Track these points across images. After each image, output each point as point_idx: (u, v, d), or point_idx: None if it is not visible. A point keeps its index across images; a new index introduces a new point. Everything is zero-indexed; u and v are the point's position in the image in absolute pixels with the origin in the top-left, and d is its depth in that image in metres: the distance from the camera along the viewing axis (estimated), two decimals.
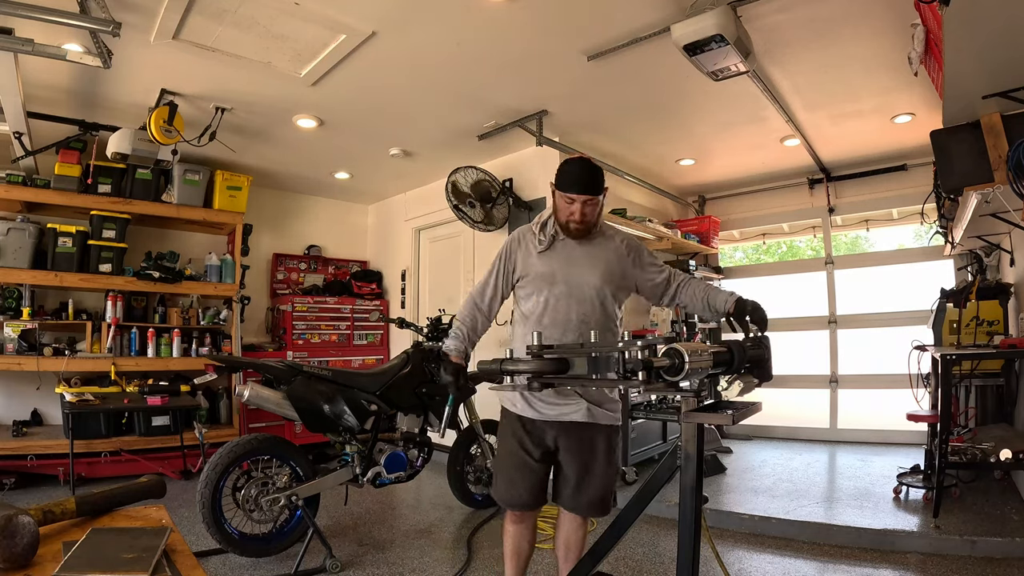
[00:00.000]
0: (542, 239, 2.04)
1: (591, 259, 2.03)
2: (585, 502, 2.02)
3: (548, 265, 2.02)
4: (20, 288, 4.33)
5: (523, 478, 2.01)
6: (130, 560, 0.94)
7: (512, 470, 2.04)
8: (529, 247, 2.07)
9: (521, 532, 2.10)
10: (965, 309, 3.76)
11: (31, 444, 3.99)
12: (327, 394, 2.92)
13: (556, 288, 1.99)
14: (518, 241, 2.11)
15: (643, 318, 5.44)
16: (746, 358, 1.46)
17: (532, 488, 2.02)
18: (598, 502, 2.03)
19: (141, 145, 3.71)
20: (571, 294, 1.98)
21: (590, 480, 2.00)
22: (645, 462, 4.25)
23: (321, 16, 2.81)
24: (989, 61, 2.31)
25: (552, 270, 2.01)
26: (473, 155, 4.80)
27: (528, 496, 2.02)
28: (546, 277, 2.01)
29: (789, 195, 5.81)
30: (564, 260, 2.02)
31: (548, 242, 2.03)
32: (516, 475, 2.03)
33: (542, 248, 2.03)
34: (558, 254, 2.04)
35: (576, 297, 1.98)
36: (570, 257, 2.03)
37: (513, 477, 2.03)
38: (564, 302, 1.98)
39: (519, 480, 2.02)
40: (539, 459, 2.01)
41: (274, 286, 5.87)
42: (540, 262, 2.03)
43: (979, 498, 3.43)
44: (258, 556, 2.82)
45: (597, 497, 2.02)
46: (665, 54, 3.05)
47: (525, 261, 2.07)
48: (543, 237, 2.04)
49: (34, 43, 2.63)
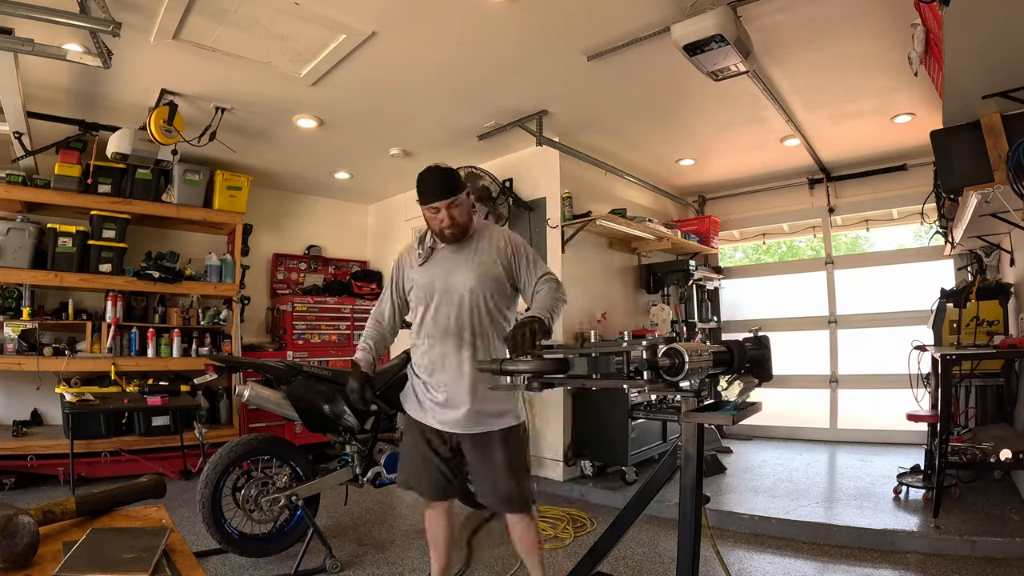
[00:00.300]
0: (420, 252, 2.11)
1: (466, 262, 2.07)
2: (495, 497, 2.07)
3: (427, 276, 2.09)
4: (20, 288, 4.33)
5: (426, 471, 2.10)
6: (130, 560, 0.94)
7: (416, 462, 2.12)
8: (412, 262, 2.14)
9: (432, 518, 2.19)
10: (965, 309, 3.76)
11: (31, 444, 3.99)
12: (327, 394, 2.92)
13: (435, 297, 2.06)
14: (405, 256, 2.20)
15: (643, 318, 5.44)
16: (746, 358, 1.46)
17: (434, 481, 2.11)
18: (513, 498, 2.06)
19: (141, 145, 3.71)
20: (449, 300, 2.04)
21: (498, 478, 2.04)
22: (645, 462, 4.25)
23: (321, 16, 2.81)
24: (989, 61, 2.31)
25: (431, 280, 2.08)
26: (473, 155, 4.80)
27: (430, 487, 2.12)
28: (426, 287, 2.08)
29: (789, 195, 5.81)
30: (442, 268, 2.08)
31: (427, 254, 2.10)
32: (419, 467, 2.11)
33: (421, 261, 2.11)
34: (436, 264, 2.10)
35: (454, 303, 2.03)
36: (447, 264, 2.09)
37: (417, 469, 2.12)
38: (443, 309, 2.04)
39: (422, 473, 2.11)
40: (444, 455, 2.09)
41: (274, 286, 5.88)
42: (420, 274, 2.10)
43: (979, 498, 3.43)
44: (258, 556, 2.82)
45: (509, 494, 2.05)
46: (665, 54, 3.05)
47: (408, 275, 2.15)
48: (421, 251, 2.12)
49: (34, 43, 2.63)
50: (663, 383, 1.32)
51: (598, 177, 4.92)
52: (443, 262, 2.09)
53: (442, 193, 1.99)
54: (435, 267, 2.09)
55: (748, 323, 5.92)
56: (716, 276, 6.13)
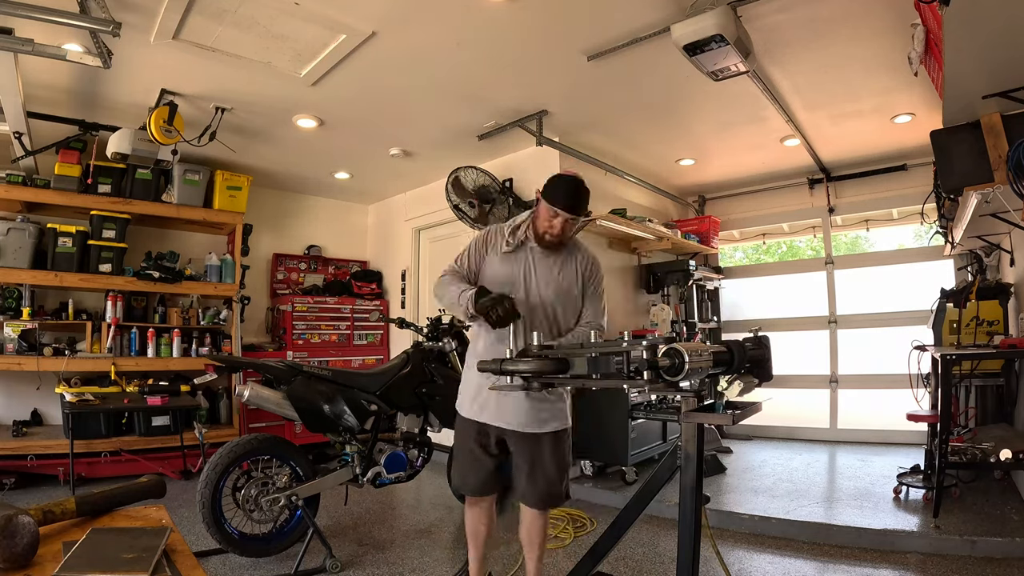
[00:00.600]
0: (510, 241, 2.11)
1: (549, 271, 2.11)
2: (536, 495, 2.11)
3: (509, 268, 2.09)
4: (20, 288, 4.33)
5: (474, 470, 2.16)
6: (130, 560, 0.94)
7: (466, 463, 2.18)
8: (498, 245, 2.13)
9: (476, 514, 2.24)
10: (965, 309, 3.76)
11: (31, 444, 3.99)
12: (327, 394, 2.92)
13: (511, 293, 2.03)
14: (492, 235, 2.18)
15: (643, 318, 5.44)
16: (746, 358, 1.46)
17: (481, 478, 2.16)
18: (548, 496, 2.13)
19: (141, 145, 3.71)
20: (522, 301, 2.04)
21: (539, 475, 2.09)
22: (645, 462, 4.25)
23: (321, 16, 2.81)
24: (989, 61, 2.31)
25: (512, 274, 2.08)
26: (473, 155, 4.80)
27: (478, 485, 2.17)
28: (505, 280, 2.08)
29: (789, 195, 5.81)
30: (525, 267, 2.09)
31: (515, 246, 2.10)
32: (468, 468, 2.17)
33: (507, 250, 2.10)
34: (520, 260, 2.11)
35: (528, 305, 2.05)
36: (532, 265, 2.10)
37: (466, 469, 2.18)
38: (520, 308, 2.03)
39: (470, 472, 2.17)
40: (491, 453, 2.14)
41: (274, 286, 5.87)
42: (502, 263, 2.10)
43: (979, 498, 3.43)
44: (258, 556, 2.82)
45: (547, 491, 2.11)
46: (665, 54, 3.05)
47: (490, 257, 2.14)
48: (512, 239, 2.11)
49: (34, 43, 2.63)
50: (663, 383, 1.32)
51: (598, 177, 4.91)
52: (528, 261, 2.11)
53: (575, 208, 2.01)
54: (518, 262, 2.10)
55: (748, 323, 5.92)
56: (716, 276, 6.13)
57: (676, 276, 5.42)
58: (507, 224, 2.18)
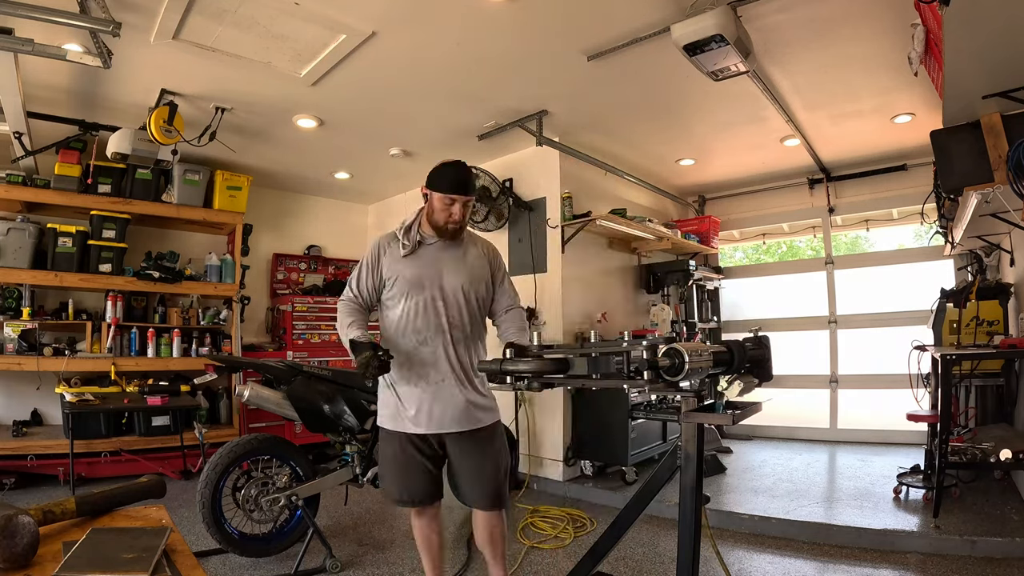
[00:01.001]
0: (406, 243, 2.06)
1: (457, 261, 2.09)
2: (479, 497, 2.08)
3: (415, 269, 2.05)
4: (20, 288, 4.33)
5: (417, 479, 2.07)
6: (130, 560, 0.94)
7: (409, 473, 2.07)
8: (395, 252, 2.08)
9: (426, 523, 2.18)
10: (965, 309, 3.76)
11: (31, 444, 3.99)
12: (327, 394, 2.92)
13: (424, 292, 2.03)
14: (383, 246, 2.12)
15: (643, 318, 5.44)
16: (746, 358, 1.46)
17: (425, 486, 2.08)
18: (493, 496, 2.08)
19: (141, 145, 3.71)
20: (439, 296, 2.03)
21: (481, 476, 2.06)
22: (645, 462, 4.25)
23: (321, 16, 2.81)
24: (989, 61, 2.31)
25: (419, 274, 2.05)
26: (473, 155, 4.80)
27: (424, 494, 2.09)
28: (414, 281, 2.04)
29: (789, 195, 5.81)
30: (431, 264, 2.07)
31: (412, 247, 2.07)
32: (411, 478, 2.07)
33: (406, 252, 2.06)
34: (423, 259, 2.08)
35: (445, 299, 2.04)
36: (436, 261, 2.08)
37: (409, 480, 2.08)
38: (434, 305, 2.03)
39: (414, 482, 2.08)
40: (429, 455, 2.07)
41: (274, 286, 5.87)
42: (406, 266, 2.06)
43: (979, 498, 3.43)
44: (258, 556, 2.82)
45: (491, 491, 2.07)
46: (665, 54, 3.05)
47: (391, 267, 2.08)
48: (407, 242, 2.06)
49: (34, 43, 2.63)
50: (663, 383, 1.32)
51: (598, 177, 4.92)
52: (430, 258, 2.08)
53: (466, 189, 2.01)
54: (422, 262, 2.07)
55: (748, 323, 5.92)
56: (716, 276, 6.12)
57: (676, 276, 5.42)
58: (396, 229, 2.11)
